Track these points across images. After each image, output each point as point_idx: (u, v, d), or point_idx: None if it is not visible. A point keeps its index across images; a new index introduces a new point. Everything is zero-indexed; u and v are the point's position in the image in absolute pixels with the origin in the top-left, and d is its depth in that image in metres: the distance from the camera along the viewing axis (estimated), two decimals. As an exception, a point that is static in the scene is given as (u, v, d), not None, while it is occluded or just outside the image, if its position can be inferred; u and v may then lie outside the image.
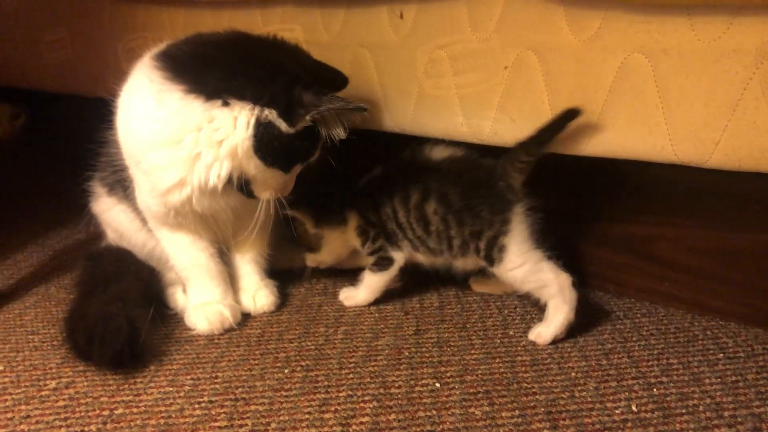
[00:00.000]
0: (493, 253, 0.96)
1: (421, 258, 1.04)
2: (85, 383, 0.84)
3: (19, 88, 1.91)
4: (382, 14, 1.08)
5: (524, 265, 0.95)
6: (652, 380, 0.82)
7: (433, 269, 1.06)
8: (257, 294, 1.05)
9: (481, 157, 1.02)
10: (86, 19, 1.58)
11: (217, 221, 1.00)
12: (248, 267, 1.06)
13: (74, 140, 1.09)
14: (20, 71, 1.80)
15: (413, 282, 1.13)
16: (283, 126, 0.84)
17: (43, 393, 0.82)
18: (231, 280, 1.05)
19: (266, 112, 0.83)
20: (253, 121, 0.84)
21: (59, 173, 1.09)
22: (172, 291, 1.05)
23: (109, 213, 1.09)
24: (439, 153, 1.03)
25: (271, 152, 0.85)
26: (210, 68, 0.85)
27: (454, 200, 0.98)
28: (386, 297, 1.08)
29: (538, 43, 0.93)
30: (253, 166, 0.87)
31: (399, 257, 1.03)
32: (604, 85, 0.88)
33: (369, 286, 1.05)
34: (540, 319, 0.98)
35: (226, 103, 0.83)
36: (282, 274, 1.18)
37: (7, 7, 1.77)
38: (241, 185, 0.89)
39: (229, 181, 0.88)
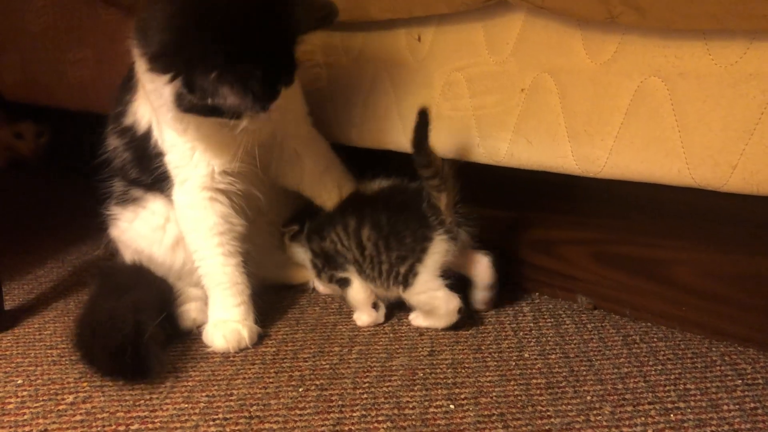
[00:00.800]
0: (408, 277, 1.00)
1: (371, 288, 1.07)
2: (102, 398, 0.85)
3: (43, 106, 1.95)
4: (400, 37, 1.10)
5: (427, 291, 1.01)
6: (669, 405, 0.81)
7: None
8: None
9: (410, 182, 1.05)
10: (111, 40, 1.61)
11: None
12: None
13: (94, 157, 1.12)
14: (45, 90, 1.84)
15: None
16: (193, 98, 0.88)
17: (60, 407, 0.83)
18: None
19: (177, 84, 0.88)
20: (169, 89, 0.89)
21: (80, 190, 1.11)
22: (187, 309, 1.06)
23: (129, 232, 1.10)
24: (372, 186, 1.10)
25: (200, 111, 0.91)
26: (153, 32, 0.89)
27: (384, 226, 1.02)
28: (400, 317, 1.08)
29: (554, 66, 0.94)
30: (193, 117, 0.94)
31: (352, 276, 1.06)
32: (620, 108, 0.88)
33: (352, 301, 1.08)
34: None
35: (151, 71, 0.90)
36: (294, 291, 1.19)
37: (33, 27, 1.82)
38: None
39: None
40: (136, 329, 0.89)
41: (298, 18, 0.92)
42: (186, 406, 0.83)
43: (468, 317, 1.05)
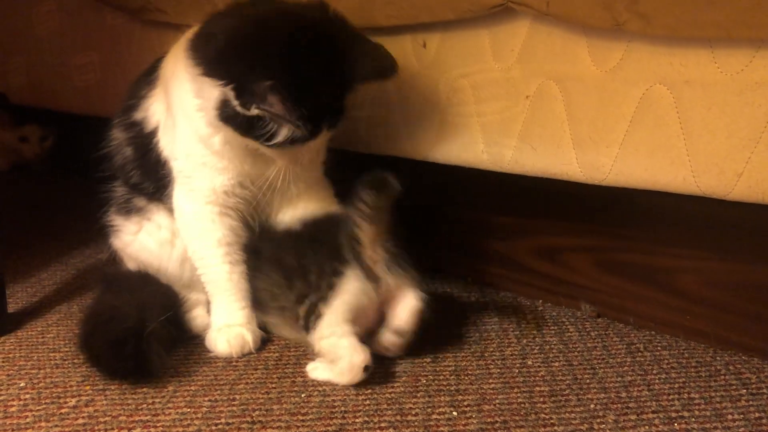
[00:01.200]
0: (310, 320, 0.90)
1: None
2: (105, 402, 0.84)
3: (48, 110, 1.96)
4: (406, 43, 1.10)
5: (331, 336, 0.88)
6: (673, 414, 0.81)
7: None
8: None
9: (330, 211, 1.01)
10: (116, 44, 1.62)
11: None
12: None
13: (98, 161, 1.12)
14: (51, 94, 1.85)
15: (430, 309, 1.13)
16: (238, 105, 0.88)
17: (63, 410, 0.83)
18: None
19: (227, 90, 0.88)
20: (216, 94, 0.90)
21: (83, 193, 1.11)
22: (194, 315, 1.05)
23: (133, 244, 1.08)
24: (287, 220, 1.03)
25: (237, 125, 0.91)
26: (215, 40, 0.90)
27: (288, 263, 0.94)
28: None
29: (559, 73, 0.94)
30: (231, 134, 0.94)
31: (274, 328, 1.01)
32: (625, 115, 0.88)
33: None
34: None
35: (205, 75, 0.90)
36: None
37: (40, 31, 1.83)
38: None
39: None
40: (139, 324, 0.89)
41: (358, 65, 0.92)
42: (188, 410, 0.83)
43: (472, 324, 1.04)
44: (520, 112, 0.98)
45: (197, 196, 1.00)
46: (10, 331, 1.06)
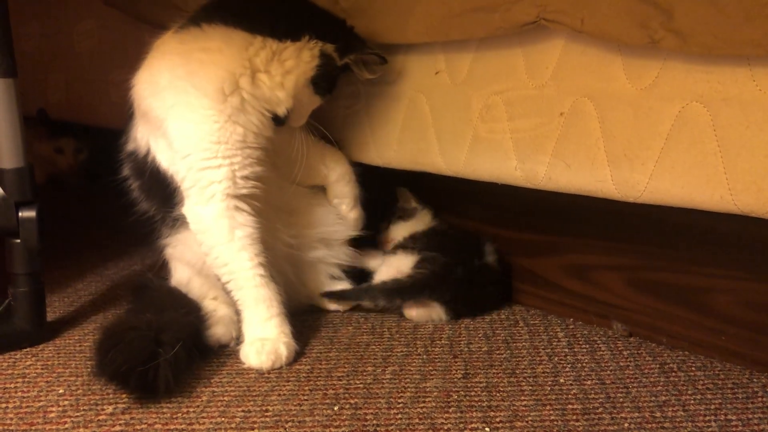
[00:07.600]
0: None
1: None
2: (141, 410, 0.86)
3: (85, 125, 2.01)
4: (439, 60, 1.11)
5: None
6: (710, 436, 0.80)
7: None
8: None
9: None
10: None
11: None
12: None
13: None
14: (89, 109, 1.90)
15: (462, 325, 1.13)
16: (337, 60, 1.01)
17: (100, 417, 0.84)
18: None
19: (328, 46, 1.02)
20: (317, 53, 1.01)
21: (117, 207, 1.14)
22: (216, 331, 1.05)
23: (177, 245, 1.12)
24: None
25: (321, 81, 1.03)
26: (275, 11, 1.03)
27: None
28: (434, 339, 1.08)
29: (594, 90, 0.94)
30: (305, 95, 1.04)
31: None
32: (661, 133, 0.88)
33: None
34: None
35: (296, 39, 1.00)
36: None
37: (80, 48, 1.88)
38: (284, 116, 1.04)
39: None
40: (153, 348, 0.89)
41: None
42: (222, 420, 0.84)
43: (503, 342, 1.03)
44: (554, 128, 0.98)
45: (213, 191, 1.01)
46: (49, 339, 1.08)
